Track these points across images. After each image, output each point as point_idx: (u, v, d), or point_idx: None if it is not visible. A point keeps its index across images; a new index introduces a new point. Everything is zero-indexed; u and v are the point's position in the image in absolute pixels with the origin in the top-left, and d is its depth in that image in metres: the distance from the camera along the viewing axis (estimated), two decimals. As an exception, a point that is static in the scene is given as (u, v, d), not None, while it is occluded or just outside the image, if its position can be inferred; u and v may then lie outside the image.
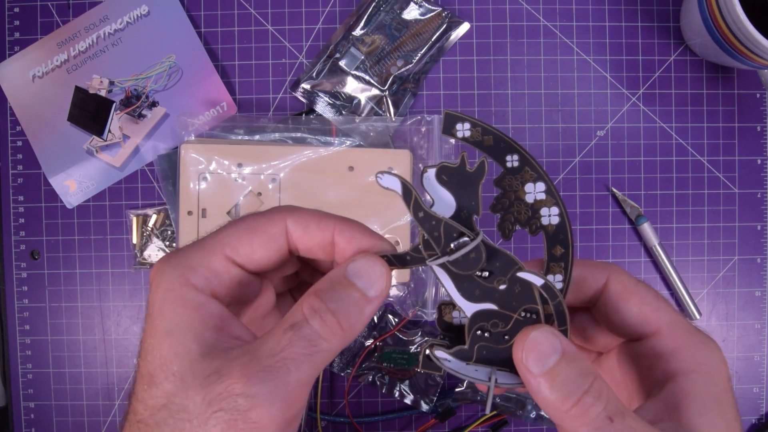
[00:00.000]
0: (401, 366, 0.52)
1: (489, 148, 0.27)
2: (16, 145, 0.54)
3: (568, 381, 0.24)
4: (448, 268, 0.26)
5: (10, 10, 0.54)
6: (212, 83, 0.53)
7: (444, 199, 0.27)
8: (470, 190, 0.27)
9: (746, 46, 0.45)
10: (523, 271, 0.26)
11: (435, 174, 0.27)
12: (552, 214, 0.27)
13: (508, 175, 0.27)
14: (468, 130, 0.26)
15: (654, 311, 0.28)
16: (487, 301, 0.27)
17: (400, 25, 0.52)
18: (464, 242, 0.26)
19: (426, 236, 0.26)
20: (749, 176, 0.54)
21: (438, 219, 0.26)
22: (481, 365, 0.27)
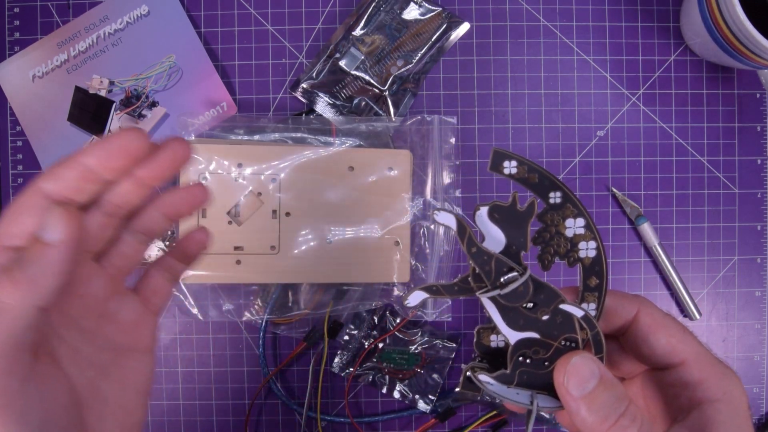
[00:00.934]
0: (401, 366, 0.52)
1: (533, 185, 0.28)
2: (16, 145, 0.54)
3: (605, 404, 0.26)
4: (496, 300, 0.28)
5: (10, 10, 0.54)
6: (212, 83, 0.53)
7: (494, 235, 0.28)
8: (519, 227, 0.28)
9: (746, 46, 0.45)
10: (565, 303, 0.29)
11: (487, 212, 0.28)
12: (590, 247, 0.29)
13: (551, 211, 0.29)
14: (515, 167, 0.28)
15: (681, 343, 0.30)
16: (530, 330, 0.29)
17: (400, 25, 0.52)
18: (513, 277, 0.28)
19: (477, 270, 0.28)
20: (749, 176, 0.54)
21: (489, 254, 0.28)
22: (522, 389, 0.29)
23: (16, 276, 0.25)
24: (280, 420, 0.54)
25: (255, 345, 0.53)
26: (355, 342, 0.53)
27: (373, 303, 0.52)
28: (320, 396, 0.52)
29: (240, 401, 0.54)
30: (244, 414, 0.53)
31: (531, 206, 0.28)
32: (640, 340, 0.31)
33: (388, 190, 0.50)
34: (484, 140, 0.54)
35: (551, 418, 0.52)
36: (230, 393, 0.54)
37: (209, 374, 0.54)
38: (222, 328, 0.54)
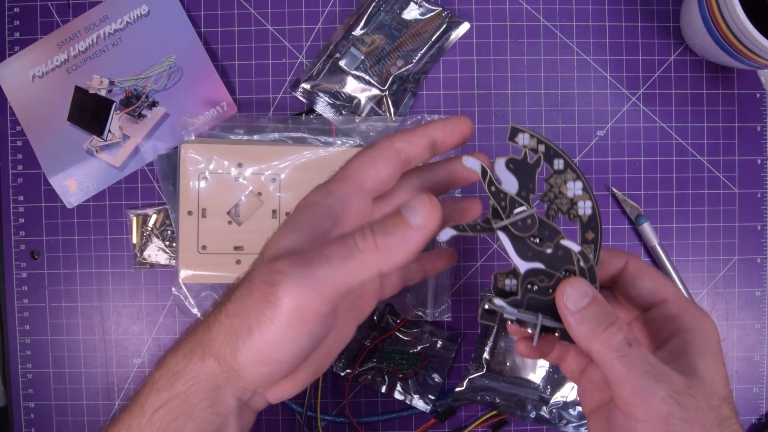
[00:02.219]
0: (401, 366, 0.52)
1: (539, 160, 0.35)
2: (16, 145, 0.54)
3: (597, 316, 0.32)
4: (509, 231, 0.34)
5: (10, 10, 0.54)
6: (212, 83, 0.53)
7: (509, 181, 0.35)
8: (529, 176, 0.35)
9: (746, 46, 0.45)
10: (565, 239, 0.35)
11: (504, 162, 0.35)
12: (586, 206, 0.35)
13: (555, 175, 0.35)
14: (527, 139, 0.35)
15: (662, 285, 0.36)
16: (536, 261, 0.35)
17: (400, 25, 0.52)
18: (523, 211, 0.34)
19: (495, 206, 0.34)
20: (749, 176, 0.54)
21: (505, 193, 0.34)
22: (529, 313, 0.35)
23: (379, 241, 0.30)
24: (280, 420, 0.54)
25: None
26: (355, 342, 0.52)
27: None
28: (320, 396, 0.52)
29: (240, 401, 0.54)
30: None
31: (538, 160, 0.35)
32: (628, 283, 0.36)
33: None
34: (484, 140, 0.54)
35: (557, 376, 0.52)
36: (230, 393, 0.54)
37: (209, 374, 0.54)
38: (222, 328, 0.54)
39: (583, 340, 0.32)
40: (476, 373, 0.52)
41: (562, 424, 0.51)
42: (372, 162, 0.35)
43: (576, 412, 0.51)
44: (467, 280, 0.54)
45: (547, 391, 0.52)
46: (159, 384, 0.33)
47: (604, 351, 0.31)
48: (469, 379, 0.52)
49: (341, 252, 0.30)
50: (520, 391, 0.52)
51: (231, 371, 0.32)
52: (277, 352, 0.31)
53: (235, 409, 0.34)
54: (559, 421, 0.51)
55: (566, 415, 0.52)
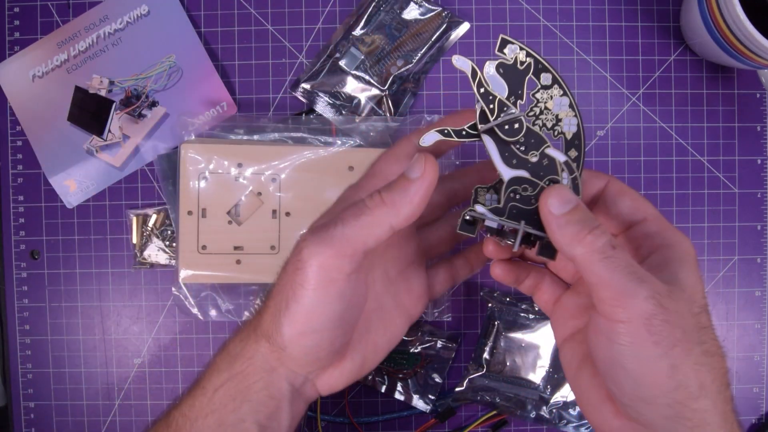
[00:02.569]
0: (401, 366, 0.52)
1: (529, 66, 0.34)
2: (16, 145, 0.54)
3: (582, 220, 0.32)
4: (495, 134, 0.34)
5: (10, 10, 0.54)
6: (212, 83, 0.53)
7: (499, 85, 0.34)
8: (519, 81, 0.34)
9: (746, 46, 0.45)
10: (550, 148, 0.34)
11: (495, 66, 0.34)
12: (571, 123, 0.34)
13: (542, 90, 0.34)
14: (516, 50, 0.34)
15: (642, 205, 0.36)
16: (521, 169, 0.34)
17: (400, 24, 0.52)
18: (509, 113, 0.34)
19: (483, 109, 0.34)
20: (749, 176, 0.54)
21: (494, 95, 0.34)
22: (510, 221, 0.34)
23: (384, 196, 0.33)
24: (280, 420, 0.54)
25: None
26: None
27: None
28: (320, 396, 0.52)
29: (240, 401, 0.54)
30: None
31: (528, 65, 0.34)
32: (609, 203, 0.37)
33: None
34: (484, 140, 0.54)
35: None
36: (230, 393, 0.54)
37: (209, 374, 0.54)
38: (222, 328, 0.54)
39: (567, 245, 0.32)
40: (476, 373, 0.52)
41: (562, 424, 0.51)
42: (395, 158, 0.39)
43: (576, 412, 0.51)
44: (467, 280, 0.54)
45: (547, 391, 0.52)
46: (220, 365, 0.36)
47: (588, 254, 0.31)
48: (469, 379, 0.52)
49: (353, 212, 0.34)
50: (520, 391, 0.52)
51: (280, 350, 0.35)
52: (314, 318, 0.34)
53: (288, 395, 0.36)
54: (559, 421, 0.52)
55: (566, 415, 0.52)
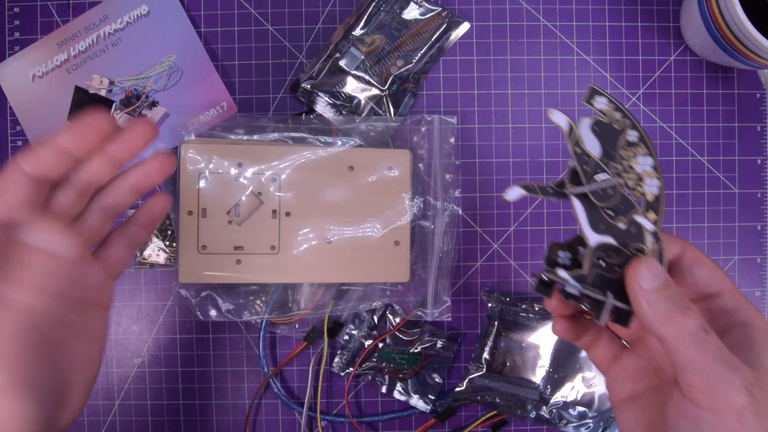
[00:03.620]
0: (401, 366, 0.52)
1: (617, 122, 0.33)
2: (16, 145, 0.54)
3: (672, 298, 0.30)
4: (587, 198, 0.33)
5: (10, 10, 0.54)
6: (212, 83, 0.53)
7: (592, 144, 0.33)
8: (612, 142, 0.33)
9: (746, 46, 0.45)
10: (639, 215, 0.33)
11: (590, 124, 0.33)
12: (653, 185, 0.33)
13: (628, 147, 0.33)
14: (604, 104, 0.33)
15: (719, 276, 0.35)
16: (608, 235, 0.33)
17: (400, 24, 0.52)
18: (606, 179, 0.32)
19: (577, 169, 0.33)
20: (749, 176, 0.54)
21: (590, 156, 0.33)
22: (593, 289, 0.33)
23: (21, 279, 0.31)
24: (280, 420, 0.54)
25: (255, 345, 0.53)
26: (355, 342, 0.53)
27: (373, 303, 0.52)
28: (320, 396, 0.52)
29: (240, 401, 0.54)
30: (244, 414, 0.53)
31: (625, 126, 0.33)
32: (686, 271, 0.35)
33: (388, 190, 0.50)
34: (484, 140, 0.54)
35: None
36: (230, 393, 0.54)
37: (209, 374, 0.54)
38: (222, 328, 0.54)
39: (656, 323, 0.30)
40: (476, 373, 0.52)
41: (562, 424, 0.51)
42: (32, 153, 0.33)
43: (576, 411, 0.51)
44: (467, 280, 0.54)
45: (547, 391, 0.52)
46: None
47: (679, 336, 0.30)
48: (469, 379, 0.52)
49: None
50: (520, 391, 0.52)
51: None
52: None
53: None
54: (559, 421, 0.52)
55: (566, 415, 0.52)
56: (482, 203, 0.54)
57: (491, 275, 0.54)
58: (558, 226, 0.54)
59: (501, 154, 0.54)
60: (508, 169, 0.54)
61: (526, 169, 0.54)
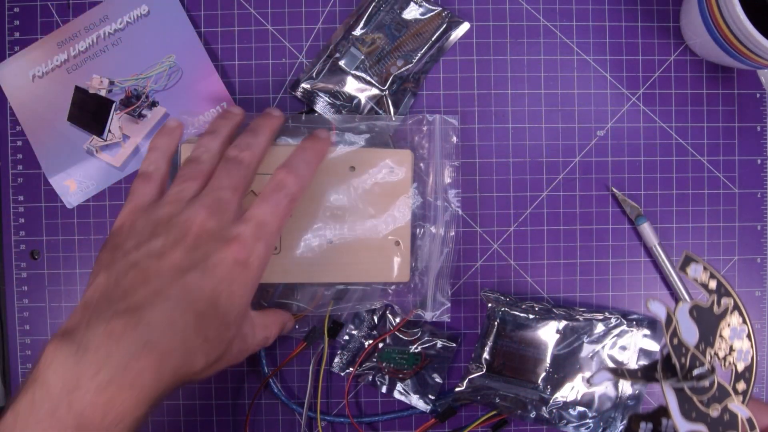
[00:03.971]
0: (401, 366, 0.52)
1: (710, 291, 0.33)
2: (16, 145, 0.54)
3: None
4: (679, 390, 0.32)
5: (10, 10, 0.54)
6: (212, 83, 0.53)
7: (689, 329, 0.32)
8: (712, 328, 0.32)
9: (746, 46, 0.45)
10: (734, 402, 0.32)
11: (688, 309, 0.33)
12: (746, 355, 0.32)
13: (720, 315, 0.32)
14: (699, 271, 0.33)
15: None
16: (699, 423, 0.32)
17: (400, 24, 0.52)
18: (704, 372, 0.32)
19: (673, 360, 0.32)
20: (749, 176, 0.54)
21: (687, 348, 0.32)
22: None
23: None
24: (280, 420, 0.54)
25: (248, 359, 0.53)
26: (355, 342, 0.53)
27: (373, 303, 0.52)
28: (320, 396, 0.52)
29: (240, 401, 0.54)
30: (244, 414, 0.53)
31: (725, 311, 0.32)
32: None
33: (389, 190, 0.50)
34: (484, 140, 0.54)
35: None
36: (230, 393, 0.54)
37: (209, 374, 0.54)
38: (222, 328, 0.54)
39: None
40: (476, 373, 0.52)
41: (562, 424, 0.51)
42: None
43: (576, 412, 0.51)
44: (467, 280, 0.54)
45: (547, 391, 0.52)
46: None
47: None
48: (469, 379, 0.52)
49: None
50: (520, 391, 0.52)
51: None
52: None
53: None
54: (559, 421, 0.51)
55: (566, 415, 0.52)
56: (482, 203, 0.54)
57: (491, 275, 0.54)
58: (558, 226, 0.54)
59: (501, 154, 0.54)
60: (508, 169, 0.54)
61: (526, 169, 0.54)
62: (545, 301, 0.54)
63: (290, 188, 0.41)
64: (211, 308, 0.36)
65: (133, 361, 0.32)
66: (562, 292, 0.54)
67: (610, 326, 0.52)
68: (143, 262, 0.36)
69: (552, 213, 0.54)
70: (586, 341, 0.51)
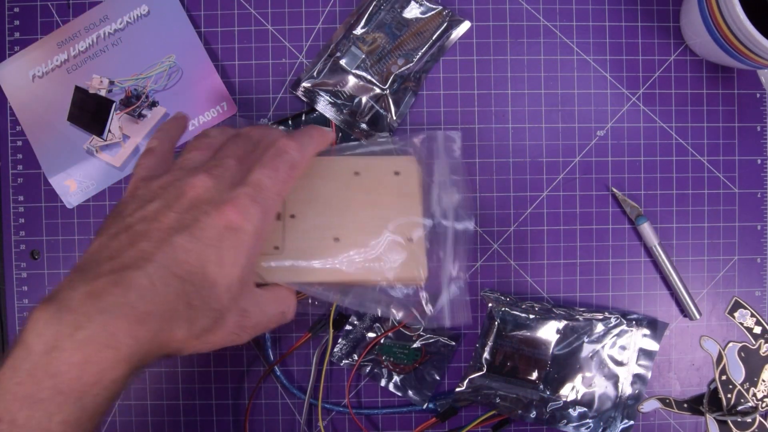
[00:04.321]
0: (401, 360, 0.52)
1: (755, 335, 0.35)
2: (16, 145, 0.54)
3: None
4: (725, 423, 0.34)
5: (10, 10, 0.54)
6: (212, 83, 0.53)
7: (736, 368, 0.35)
8: (758, 369, 0.35)
9: (746, 46, 0.45)
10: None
11: (738, 349, 0.35)
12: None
13: (766, 358, 0.34)
14: (747, 317, 0.36)
15: None
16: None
17: (400, 23, 0.52)
18: (747, 409, 0.34)
19: (720, 395, 0.34)
20: (749, 176, 0.55)
21: (734, 385, 0.34)
22: None
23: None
24: (280, 420, 0.54)
25: (255, 344, 0.53)
26: (357, 333, 0.52)
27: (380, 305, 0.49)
28: (323, 384, 0.52)
29: (240, 401, 0.54)
30: (244, 414, 0.53)
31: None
32: None
33: (395, 194, 0.49)
34: (484, 140, 0.54)
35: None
36: (230, 393, 0.54)
37: (209, 374, 0.54)
38: (222, 328, 0.54)
39: None
40: (476, 373, 0.52)
41: (562, 424, 0.51)
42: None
43: (576, 412, 0.51)
44: (467, 280, 0.54)
45: (547, 391, 0.52)
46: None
47: None
48: (470, 379, 0.52)
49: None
50: (520, 391, 0.52)
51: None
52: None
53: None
54: (559, 421, 0.51)
55: (566, 415, 0.52)
56: (482, 203, 0.54)
57: (491, 275, 0.54)
58: (558, 226, 0.54)
59: (501, 154, 0.54)
60: (508, 169, 0.54)
61: (526, 169, 0.54)
62: (545, 301, 0.54)
63: (291, 155, 0.40)
64: (197, 274, 0.34)
65: (111, 320, 0.31)
66: (562, 292, 0.54)
67: (609, 326, 0.52)
68: (136, 225, 0.35)
69: (552, 213, 0.54)
70: (586, 341, 0.52)
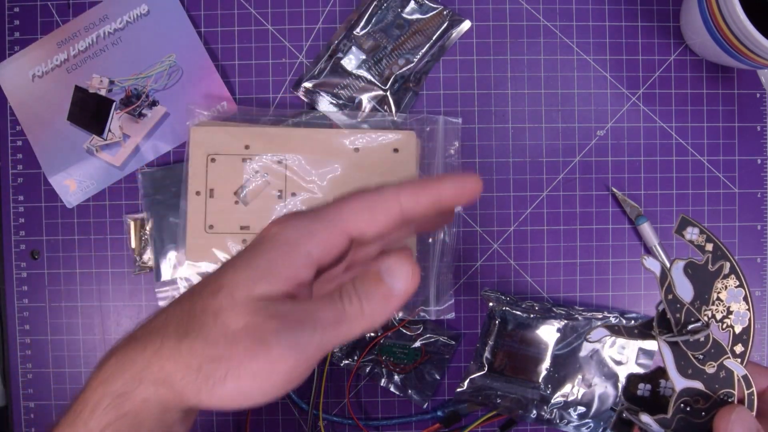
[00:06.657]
0: (401, 360, 0.52)
1: (706, 252, 0.33)
2: (16, 145, 0.54)
3: None
4: (677, 345, 0.32)
5: (10, 10, 0.54)
6: (212, 83, 0.53)
7: (684, 287, 0.33)
8: (707, 285, 0.33)
9: (746, 46, 0.45)
10: (730, 359, 0.32)
11: (683, 266, 0.33)
12: (743, 317, 0.33)
13: (719, 278, 0.33)
14: (696, 234, 0.33)
15: None
16: (695, 380, 0.32)
17: (401, 23, 0.52)
18: (698, 327, 0.32)
19: (668, 315, 0.32)
20: (749, 176, 0.55)
21: (682, 303, 0.32)
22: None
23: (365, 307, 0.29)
24: (280, 420, 0.54)
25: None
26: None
27: None
28: (322, 396, 0.52)
29: (240, 401, 0.54)
30: (244, 414, 0.53)
31: (720, 268, 0.33)
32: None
33: (394, 171, 0.50)
34: (484, 140, 0.54)
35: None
36: (230, 393, 0.54)
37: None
38: (222, 328, 0.54)
39: None
40: (477, 373, 0.52)
41: (563, 423, 0.51)
42: (370, 212, 0.31)
43: (576, 412, 0.51)
44: (467, 280, 0.54)
45: (547, 391, 0.52)
46: (104, 403, 0.30)
47: None
48: (470, 379, 0.52)
49: (331, 318, 0.29)
50: (520, 391, 0.52)
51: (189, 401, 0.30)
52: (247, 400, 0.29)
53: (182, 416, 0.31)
54: (560, 420, 0.51)
55: (567, 415, 0.52)
56: (482, 203, 0.54)
57: (491, 275, 0.54)
58: (558, 226, 0.54)
59: (501, 154, 0.54)
60: (508, 169, 0.54)
61: (526, 169, 0.54)
62: (545, 300, 0.54)
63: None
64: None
65: None
66: (562, 292, 0.54)
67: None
68: None
69: (552, 213, 0.54)
70: (586, 341, 0.52)
